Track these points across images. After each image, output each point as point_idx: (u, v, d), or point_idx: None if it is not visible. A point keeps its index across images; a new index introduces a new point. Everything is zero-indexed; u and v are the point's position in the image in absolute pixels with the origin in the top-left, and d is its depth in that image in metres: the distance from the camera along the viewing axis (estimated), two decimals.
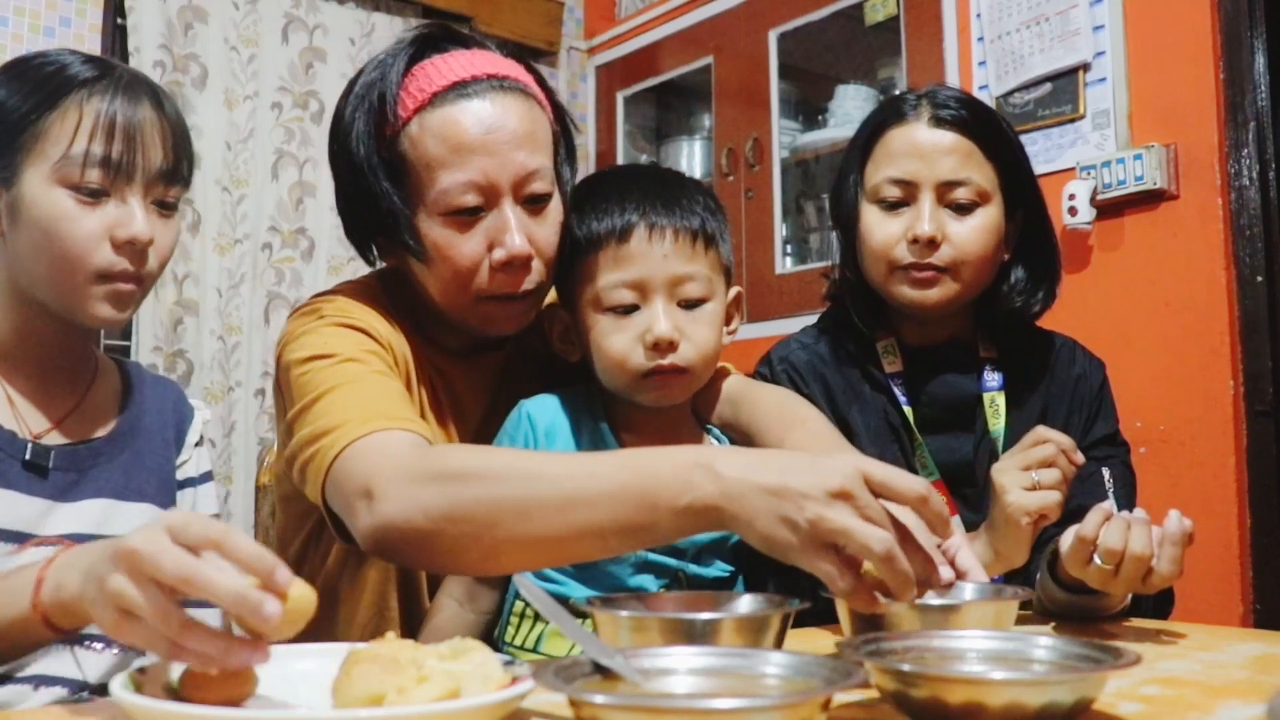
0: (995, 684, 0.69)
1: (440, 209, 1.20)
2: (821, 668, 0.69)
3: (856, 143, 1.46)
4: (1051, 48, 2.53)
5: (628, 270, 1.20)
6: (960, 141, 1.37)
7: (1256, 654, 1.00)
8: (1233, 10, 2.30)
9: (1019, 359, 1.45)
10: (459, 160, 1.19)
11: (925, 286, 1.37)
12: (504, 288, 1.22)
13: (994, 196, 1.38)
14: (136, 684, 0.69)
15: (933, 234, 1.34)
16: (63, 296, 1.12)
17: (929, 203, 1.36)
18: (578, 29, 3.95)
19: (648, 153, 3.87)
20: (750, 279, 3.21)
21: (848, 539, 0.82)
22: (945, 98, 1.41)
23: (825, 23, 3.15)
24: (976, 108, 1.41)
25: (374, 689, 0.66)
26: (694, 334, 1.21)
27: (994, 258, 1.39)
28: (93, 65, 1.15)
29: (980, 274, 1.38)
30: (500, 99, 1.22)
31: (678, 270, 1.20)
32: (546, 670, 0.66)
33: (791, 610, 0.90)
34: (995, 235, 1.38)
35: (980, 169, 1.37)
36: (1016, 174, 1.41)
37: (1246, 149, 2.28)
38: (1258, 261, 2.25)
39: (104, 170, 1.10)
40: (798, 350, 1.47)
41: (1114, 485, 1.31)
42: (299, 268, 3.23)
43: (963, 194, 1.36)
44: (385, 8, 3.45)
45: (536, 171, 1.22)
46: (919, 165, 1.37)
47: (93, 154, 1.09)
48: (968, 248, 1.36)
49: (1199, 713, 0.76)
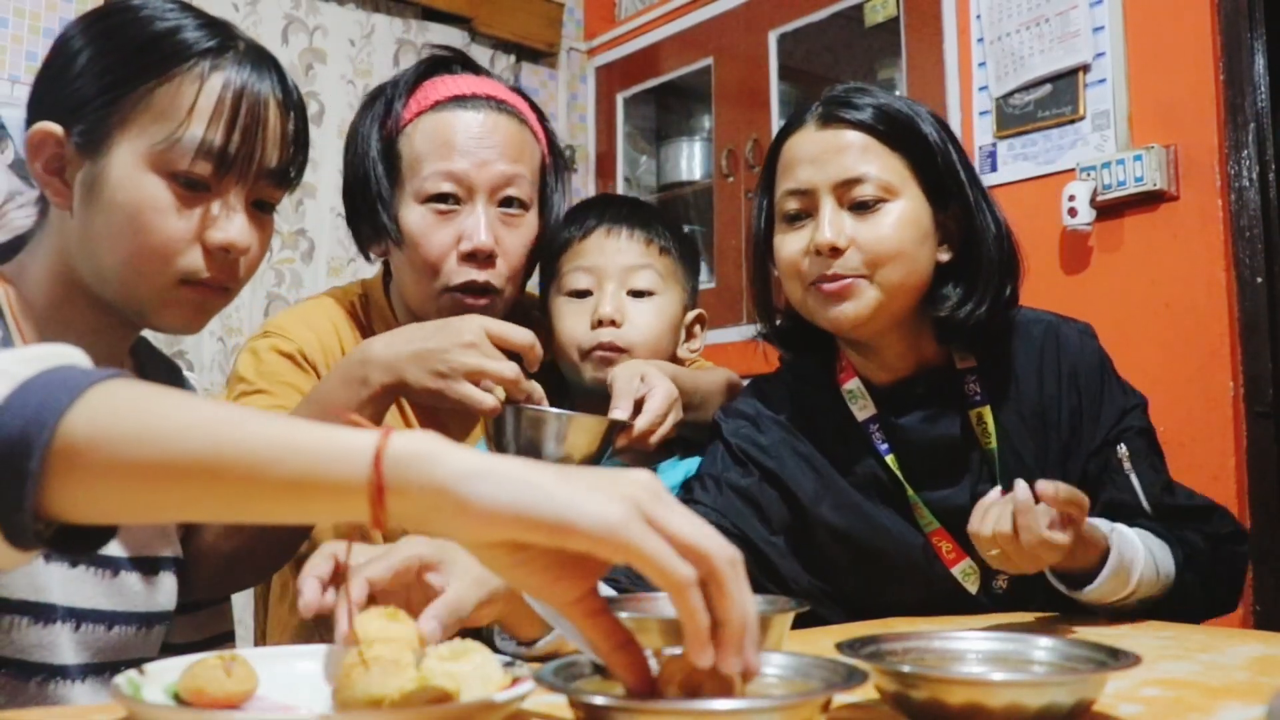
0: (995, 685, 0.69)
1: (419, 197, 1.33)
2: (821, 669, 0.68)
3: (765, 166, 1.35)
4: (1051, 49, 2.53)
5: (585, 259, 1.37)
6: (854, 137, 1.25)
7: (1256, 655, 1.00)
8: (1233, 11, 2.30)
9: (1000, 358, 1.31)
10: (443, 154, 1.33)
11: (839, 299, 1.23)
12: (466, 277, 1.33)
13: (904, 189, 1.25)
14: (135, 685, 0.69)
15: (832, 240, 1.22)
16: (133, 296, 0.99)
17: (828, 207, 1.24)
18: (578, 30, 3.95)
19: (648, 154, 3.87)
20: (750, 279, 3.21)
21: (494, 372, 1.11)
22: (838, 94, 1.30)
23: (825, 24, 3.15)
24: (874, 99, 1.29)
25: (374, 690, 0.66)
26: (638, 319, 1.35)
27: (917, 256, 1.25)
28: (211, 32, 0.99)
29: (906, 277, 1.24)
30: (493, 115, 1.36)
31: (628, 260, 1.36)
32: (546, 670, 0.66)
33: (792, 611, 0.90)
34: (913, 231, 1.24)
35: (881, 160, 1.25)
36: (932, 162, 1.26)
37: (1246, 150, 2.28)
38: (1257, 263, 2.25)
39: (215, 163, 0.96)
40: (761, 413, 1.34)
41: (1132, 459, 1.25)
42: (299, 269, 3.23)
43: (863, 191, 1.23)
44: (385, 9, 3.45)
45: (513, 178, 1.34)
46: (811, 170, 1.26)
47: (207, 142, 0.95)
48: (878, 248, 1.22)
49: (1199, 714, 0.76)
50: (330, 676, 0.73)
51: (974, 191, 1.29)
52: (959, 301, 1.26)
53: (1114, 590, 1.13)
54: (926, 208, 1.26)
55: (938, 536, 1.27)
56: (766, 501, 1.31)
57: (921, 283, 1.26)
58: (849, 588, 1.31)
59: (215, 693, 0.68)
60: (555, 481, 0.58)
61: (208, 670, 0.69)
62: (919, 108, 1.32)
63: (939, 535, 1.27)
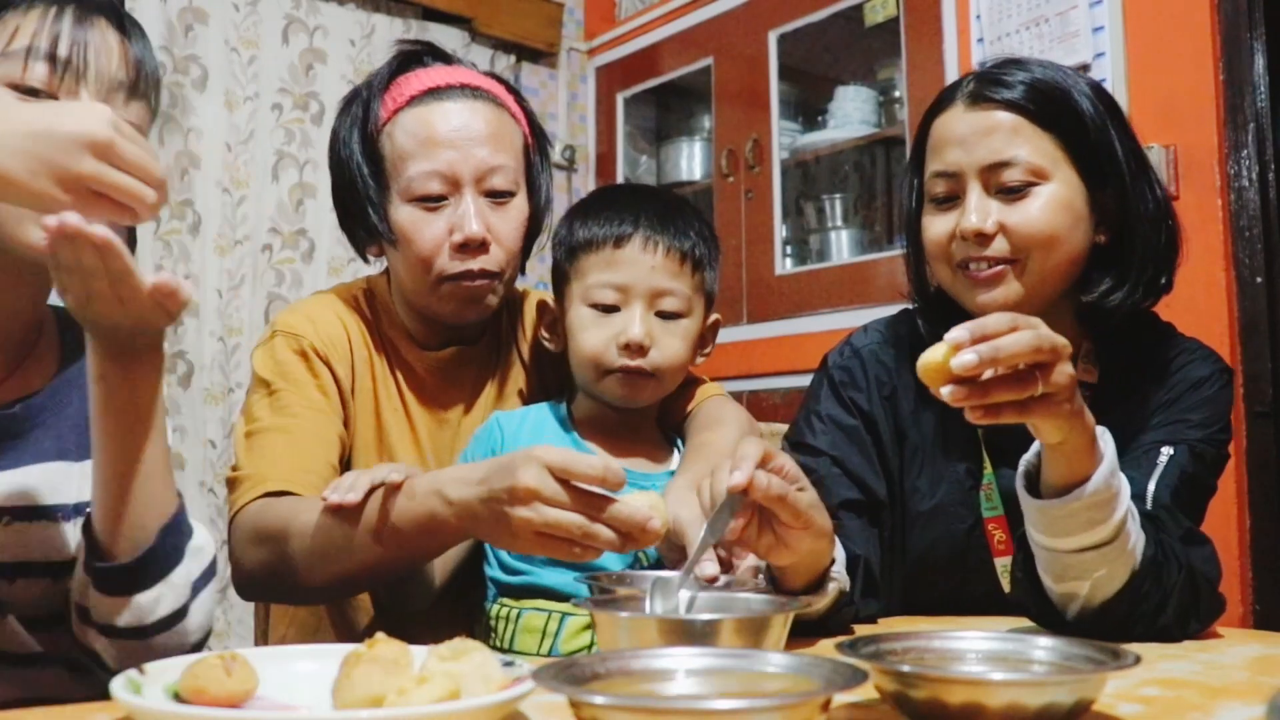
0: (995, 685, 0.69)
1: (408, 196, 1.33)
2: (821, 668, 0.68)
3: (915, 144, 1.34)
4: (1051, 49, 2.53)
5: (616, 273, 1.29)
6: (1003, 117, 1.22)
7: (1256, 655, 1.00)
8: (1232, 11, 2.30)
9: (1126, 375, 1.26)
10: (426, 152, 1.32)
11: (988, 286, 1.21)
12: (461, 267, 1.32)
13: (1057, 171, 1.21)
14: (136, 685, 0.69)
15: (978, 226, 1.20)
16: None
17: (975, 192, 1.22)
18: (578, 30, 3.95)
19: (648, 154, 3.88)
20: (750, 280, 3.21)
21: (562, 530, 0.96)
22: (989, 72, 1.26)
23: (825, 24, 3.15)
24: (1026, 74, 1.24)
25: (374, 690, 0.66)
26: (666, 343, 1.30)
27: (1070, 239, 1.21)
28: None
29: (1056, 264, 1.21)
30: (471, 104, 1.35)
31: (662, 283, 1.29)
32: (546, 670, 0.66)
33: (792, 611, 0.90)
34: (1065, 214, 1.20)
35: (1032, 142, 1.21)
36: (1085, 140, 1.22)
37: (1246, 150, 2.28)
38: (1257, 262, 2.25)
39: (49, 65, 0.98)
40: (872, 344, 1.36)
41: (1169, 461, 1.17)
42: (299, 269, 3.23)
43: (1012, 175, 1.20)
44: (385, 9, 3.45)
45: (498, 168, 1.34)
46: (959, 152, 1.23)
47: (36, 48, 0.98)
48: (1027, 234, 1.19)
49: (1199, 713, 0.76)
50: (330, 677, 0.73)
51: (1133, 169, 1.23)
52: (1110, 288, 1.23)
53: (1090, 521, 1.01)
54: (1081, 189, 1.22)
55: (994, 524, 1.25)
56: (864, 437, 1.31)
57: (1075, 267, 1.23)
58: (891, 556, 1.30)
59: (215, 692, 0.68)
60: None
61: (208, 670, 0.69)
62: (1077, 80, 1.26)
63: (996, 523, 1.25)
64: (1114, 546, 1.02)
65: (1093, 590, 1.05)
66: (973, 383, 0.92)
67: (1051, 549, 1.04)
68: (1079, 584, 1.05)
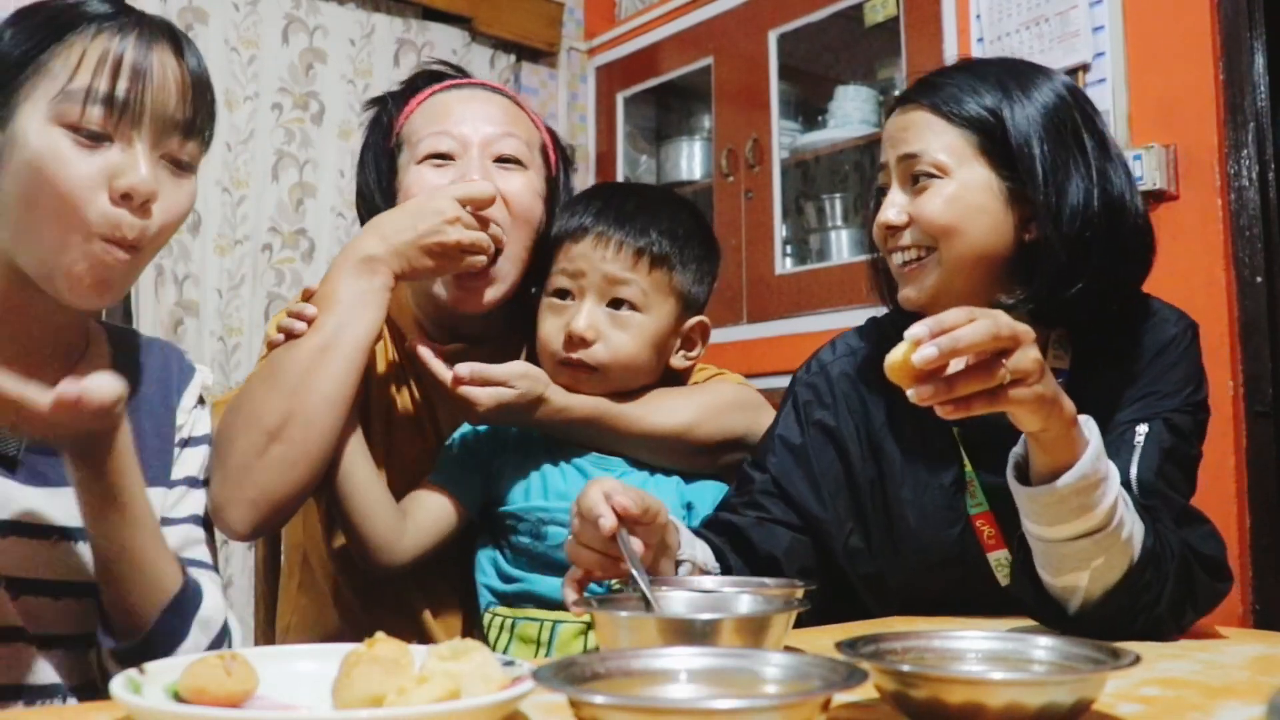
0: (995, 684, 0.69)
1: (418, 157, 1.35)
2: (821, 668, 0.68)
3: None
4: (1051, 49, 2.53)
5: (570, 262, 1.30)
6: (917, 115, 1.26)
7: (1256, 654, 1.00)
8: (1232, 11, 2.30)
9: (1101, 359, 1.25)
10: (438, 121, 1.36)
11: (909, 279, 1.26)
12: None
13: (961, 166, 1.22)
14: (136, 685, 0.69)
15: (886, 218, 1.25)
16: (43, 260, 0.97)
17: (894, 185, 1.27)
18: (578, 30, 3.95)
19: (648, 153, 3.87)
20: (750, 279, 3.21)
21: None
22: (929, 74, 1.30)
23: (825, 23, 3.15)
24: (958, 75, 1.27)
25: (374, 690, 0.66)
26: (614, 337, 1.29)
27: (974, 233, 1.22)
28: (111, 5, 1.02)
29: (963, 255, 1.22)
30: (487, 96, 1.40)
31: (613, 273, 1.28)
32: (546, 670, 0.66)
33: (793, 610, 0.90)
34: (965, 208, 1.22)
35: (940, 137, 1.23)
36: (1003, 138, 1.22)
37: (1246, 150, 2.28)
38: (1257, 262, 2.25)
39: (106, 109, 0.96)
40: (840, 359, 1.37)
41: (1146, 439, 1.17)
42: (299, 269, 3.23)
43: (917, 168, 1.24)
44: (385, 8, 3.45)
45: (507, 136, 1.36)
46: (888, 148, 1.29)
47: (94, 90, 0.96)
48: (927, 223, 1.22)
49: (1199, 713, 0.76)
50: (330, 676, 0.73)
51: (1063, 167, 1.21)
52: (1031, 284, 1.22)
53: (1081, 507, 1.00)
54: (994, 182, 1.23)
55: (982, 520, 1.25)
56: (818, 458, 1.31)
57: (990, 259, 1.23)
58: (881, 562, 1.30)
59: (215, 692, 0.68)
60: None
61: (208, 669, 0.69)
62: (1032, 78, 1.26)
63: (984, 519, 1.25)
64: (1108, 534, 1.02)
65: (1093, 581, 1.05)
66: (938, 379, 0.93)
67: (1046, 539, 1.05)
68: (1078, 575, 1.05)
